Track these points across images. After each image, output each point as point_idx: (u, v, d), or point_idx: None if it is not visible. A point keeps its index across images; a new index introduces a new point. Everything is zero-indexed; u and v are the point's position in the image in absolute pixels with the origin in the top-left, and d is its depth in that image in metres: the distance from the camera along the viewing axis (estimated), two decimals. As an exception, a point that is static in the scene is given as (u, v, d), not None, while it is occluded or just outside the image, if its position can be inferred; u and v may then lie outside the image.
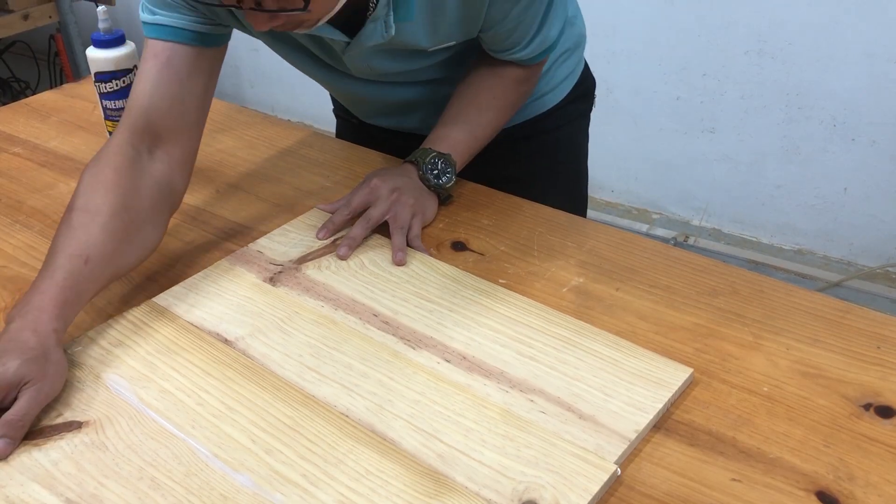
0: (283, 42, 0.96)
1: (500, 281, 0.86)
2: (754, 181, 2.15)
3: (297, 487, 0.62)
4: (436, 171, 0.95)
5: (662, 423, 0.69)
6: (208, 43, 0.87)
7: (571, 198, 1.18)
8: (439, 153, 0.95)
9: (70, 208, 0.80)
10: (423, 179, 0.95)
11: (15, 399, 0.66)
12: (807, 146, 2.04)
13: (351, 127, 1.22)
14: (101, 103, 1.04)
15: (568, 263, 0.89)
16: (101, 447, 0.66)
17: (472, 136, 0.98)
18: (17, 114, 1.28)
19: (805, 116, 2.00)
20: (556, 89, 1.12)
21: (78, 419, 0.68)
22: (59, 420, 0.68)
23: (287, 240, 0.92)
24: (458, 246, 0.93)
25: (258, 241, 0.92)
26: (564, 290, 0.85)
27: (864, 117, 1.92)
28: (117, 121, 1.05)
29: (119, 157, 0.83)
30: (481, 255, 0.91)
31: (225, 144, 1.17)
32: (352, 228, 0.90)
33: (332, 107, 1.27)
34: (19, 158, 1.15)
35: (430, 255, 0.90)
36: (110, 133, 1.06)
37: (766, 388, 0.73)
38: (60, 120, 1.26)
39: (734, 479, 0.64)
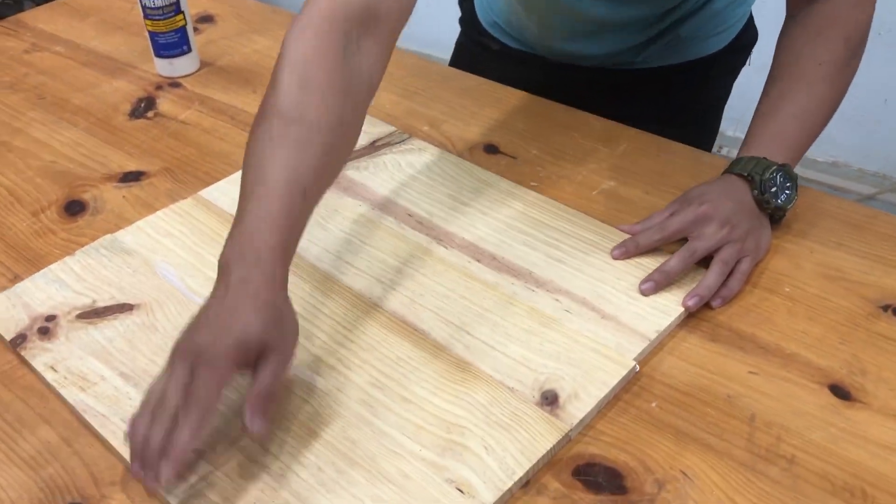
0: None
1: (532, 184, 0.88)
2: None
3: (333, 370, 0.66)
4: (774, 189, 0.76)
5: (686, 321, 0.72)
6: None
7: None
8: (778, 166, 0.76)
9: (279, 113, 0.63)
10: (761, 202, 0.76)
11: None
12: (849, 56, 1.98)
13: (483, 51, 1.13)
14: (140, 2, 1.05)
15: (599, 167, 0.90)
16: (152, 328, 0.70)
17: (803, 127, 0.79)
18: (55, 13, 1.30)
19: (849, 26, 1.94)
20: (723, 34, 1.02)
21: (129, 302, 0.72)
22: (112, 302, 0.72)
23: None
24: (491, 149, 0.94)
25: None
26: (595, 192, 0.87)
27: (910, 27, 1.87)
28: (156, 20, 1.06)
29: (331, 50, 0.65)
30: (513, 157, 0.93)
31: (261, 45, 1.18)
32: (668, 260, 0.74)
33: None
34: (61, 57, 1.17)
35: (465, 158, 0.92)
36: (150, 32, 1.07)
37: (787, 289, 0.74)
38: (99, 20, 1.27)
39: (751, 372, 0.67)
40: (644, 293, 0.73)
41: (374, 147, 0.93)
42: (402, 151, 0.92)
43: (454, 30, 1.20)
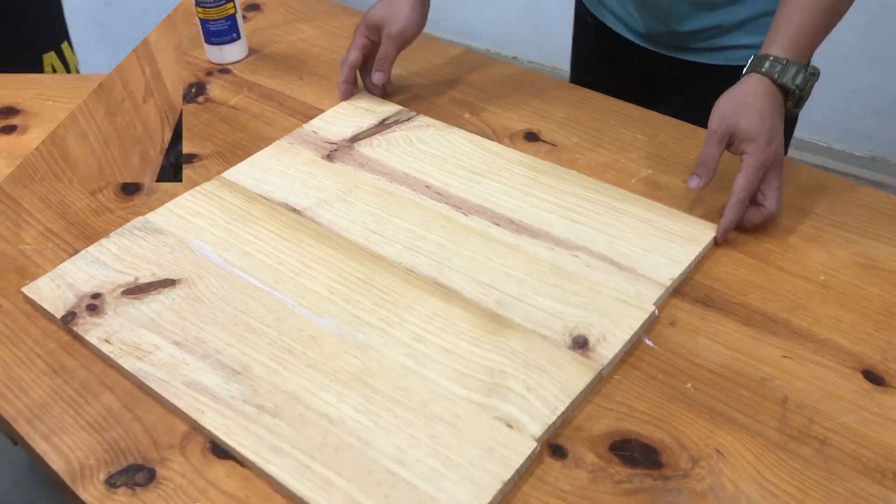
0: None
1: (572, 171, 0.90)
2: (827, 84, 2.07)
3: (375, 328, 0.71)
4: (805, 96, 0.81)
5: (720, 304, 0.74)
6: None
7: None
8: (815, 77, 0.80)
9: None
10: (791, 111, 0.82)
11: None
12: (888, 49, 1.96)
13: (597, 38, 1.15)
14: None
15: (638, 155, 0.93)
16: (197, 299, 0.74)
17: (829, 23, 0.81)
18: None
19: (890, 17, 1.91)
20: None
21: (171, 277, 0.77)
22: (154, 278, 0.77)
23: (338, 121, 0.99)
24: (531, 137, 0.97)
25: (311, 121, 0.99)
26: (633, 180, 0.89)
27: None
28: (207, 7, 1.08)
29: None
30: (553, 145, 0.95)
31: (307, 34, 1.21)
32: (725, 214, 0.78)
33: None
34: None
35: (506, 145, 0.94)
36: (201, 20, 1.10)
37: (822, 277, 0.76)
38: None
39: (785, 356, 0.69)
40: (718, 240, 0.79)
41: (384, 125, 0.97)
42: (413, 128, 0.96)
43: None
